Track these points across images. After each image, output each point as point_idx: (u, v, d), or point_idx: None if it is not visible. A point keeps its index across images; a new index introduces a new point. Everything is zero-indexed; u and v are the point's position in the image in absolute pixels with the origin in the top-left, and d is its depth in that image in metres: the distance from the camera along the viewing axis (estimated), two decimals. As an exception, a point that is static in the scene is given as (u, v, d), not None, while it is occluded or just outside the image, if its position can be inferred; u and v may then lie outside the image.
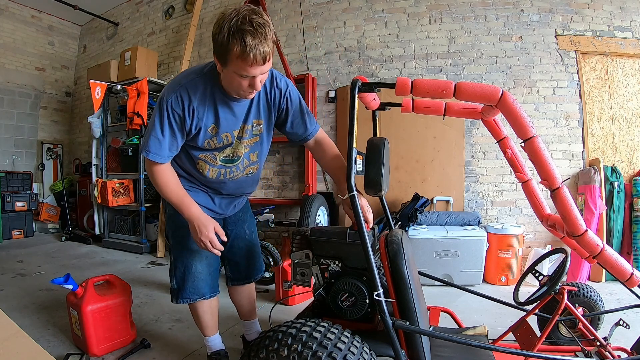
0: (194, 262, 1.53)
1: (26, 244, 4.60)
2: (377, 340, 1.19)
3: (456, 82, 1.05)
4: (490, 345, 1.32)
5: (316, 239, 1.37)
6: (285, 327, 1.04)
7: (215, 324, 1.69)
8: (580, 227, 1.04)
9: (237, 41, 1.06)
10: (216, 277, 1.63)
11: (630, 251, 3.13)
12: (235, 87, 1.21)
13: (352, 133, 1.13)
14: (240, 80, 1.17)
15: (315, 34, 4.13)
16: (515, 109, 1.02)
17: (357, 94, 1.14)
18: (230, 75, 1.18)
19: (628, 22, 3.34)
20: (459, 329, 1.71)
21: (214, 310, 1.66)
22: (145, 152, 1.30)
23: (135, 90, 4.13)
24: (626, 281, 1.09)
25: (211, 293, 1.59)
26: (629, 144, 3.43)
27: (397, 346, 1.08)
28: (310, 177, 3.89)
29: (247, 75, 1.14)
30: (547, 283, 1.58)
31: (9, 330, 0.70)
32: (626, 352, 1.53)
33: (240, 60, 1.09)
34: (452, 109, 1.53)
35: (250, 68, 1.11)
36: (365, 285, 1.27)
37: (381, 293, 1.08)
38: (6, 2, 5.38)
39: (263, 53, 1.08)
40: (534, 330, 1.59)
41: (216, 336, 1.71)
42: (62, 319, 2.23)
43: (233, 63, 1.11)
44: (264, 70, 1.15)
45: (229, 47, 1.07)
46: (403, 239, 1.22)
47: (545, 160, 1.03)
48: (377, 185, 1.15)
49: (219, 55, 1.13)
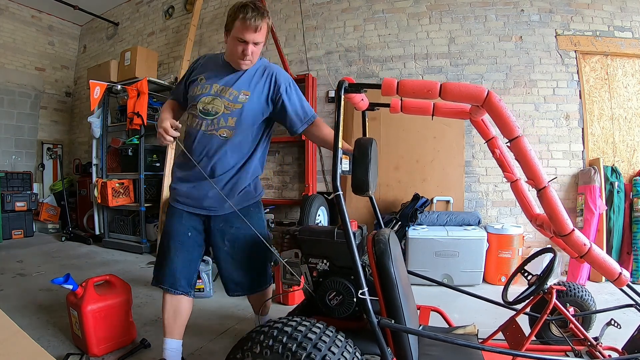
0: (165, 255, 1.63)
1: (26, 244, 4.60)
2: (365, 339, 1.19)
3: (442, 83, 1.06)
4: (478, 345, 1.33)
5: (305, 238, 1.38)
6: (267, 326, 1.04)
7: (175, 329, 1.63)
8: (566, 226, 1.04)
9: (240, 10, 1.45)
10: (178, 275, 1.60)
11: (630, 251, 3.13)
12: (232, 52, 1.52)
13: (337, 133, 1.14)
14: (237, 44, 1.48)
15: (315, 34, 4.13)
16: (500, 109, 1.02)
17: (344, 94, 1.15)
18: (231, 42, 1.51)
19: (628, 22, 3.34)
20: (449, 328, 1.71)
21: (177, 316, 1.63)
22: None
23: (135, 90, 4.13)
24: (615, 280, 1.09)
25: (167, 286, 1.60)
26: (629, 144, 3.43)
27: (383, 344, 1.09)
28: (310, 177, 3.89)
29: (242, 39, 1.46)
30: (535, 282, 1.58)
31: (9, 330, 0.70)
32: (617, 351, 1.53)
33: (240, 24, 1.44)
34: (440, 110, 1.54)
35: (246, 32, 1.45)
36: (352, 284, 1.28)
37: (366, 291, 1.09)
38: (6, 2, 5.38)
39: (257, 23, 1.44)
40: (522, 330, 1.58)
41: (173, 342, 1.64)
42: (62, 319, 2.23)
43: (235, 28, 1.47)
44: (255, 39, 1.47)
45: (235, 16, 1.46)
46: (390, 239, 1.22)
47: (530, 160, 1.03)
48: (365, 185, 1.16)
49: (227, 24, 1.51)
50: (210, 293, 2.73)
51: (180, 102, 1.73)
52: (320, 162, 4.04)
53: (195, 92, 1.60)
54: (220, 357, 1.87)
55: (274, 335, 0.98)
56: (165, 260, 1.63)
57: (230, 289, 1.70)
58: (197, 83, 1.62)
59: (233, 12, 1.48)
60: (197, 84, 1.61)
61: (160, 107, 4.44)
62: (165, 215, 1.71)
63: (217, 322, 2.30)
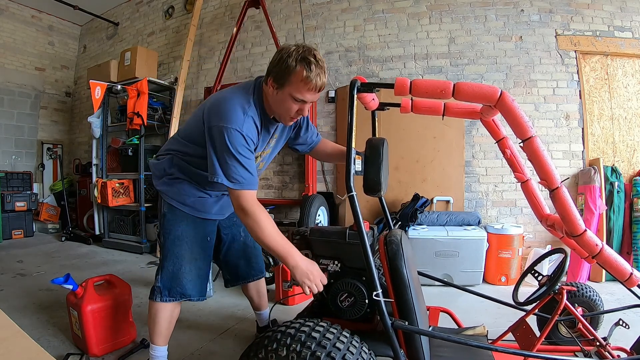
0: (184, 264, 1.54)
1: (26, 244, 4.59)
2: (376, 341, 1.19)
3: (455, 83, 1.05)
4: (490, 345, 1.32)
5: (315, 239, 1.36)
6: (284, 327, 1.04)
7: (168, 336, 1.62)
8: (579, 227, 1.04)
9: (304, 66, 1.21)
10: (205, 282, 1.62)
11: (630, 251, 3.13)
12: (284, 110, 1.32)
13: (350, 133, 1.13)
14: (292, 103, 1.28)
15: (315, 34, 4.13)
16: (514, 109, 1.02)
17: (356, 94, 1.14)
18: (283, 97, 1.28)
19: (628, 22, 3.33)
20: (459, 329, 1.70)
21: (173, 321, 1.62)
22: (237, 184, 1.26)
23: (135, 90, 4.13)
24: (625, 281, 1.09)
25: (198, 296, 1.58)
26: (629, 144, 3.43)
27: (396, 346, 1.08)
28: (310, 177, 3.89)
29: (302, 99, 1.27)
30: (547, 283, 1.58)
31: (9, 330, 0.70)
32: (626, 352, 1.53)
33: (303, 82, 1.23)
34: (451, 109, 1.53)
35: (307, 92, 1.25)
36: (364, 285, 1.26)
37: (380, 293, 1.08)
38: (6, 2, 5.38)
39: (322, 82, 1.25)
40: (533, 331, 1.59)
41: (164, 349, 1.62)
42: (62, 319, 2.22)
43: (294, 85, 1.24)
44: (315, 98, 1.30)
45: (296, 70, 1.22)
46: (402, 240, 1.22)
47: (544, 160, 1.03)
48: (377, 186, 1.15)
49: (280, 77, 1.25)
50: (211, 293, 2.73)
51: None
52: (320, 162, 4.04)
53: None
54: (221, 357, 1.87)
55: (302, 340, 0.97)
56: (186, 268, 1.54)
57: (237, 279, 1.83)
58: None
59: (293, 63, 1.22)
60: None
61: (160, 107, 4.44)
62: (169, 219, 1.56)
63: (217, 322, 2.30)
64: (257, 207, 1.28)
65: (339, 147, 1.71)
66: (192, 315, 2.37)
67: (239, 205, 1.29)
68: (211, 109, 1.32)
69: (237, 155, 1.25)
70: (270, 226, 1.28)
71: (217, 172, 1.27)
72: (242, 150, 1.26)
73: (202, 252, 1.60)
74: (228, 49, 4.13)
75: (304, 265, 1.26)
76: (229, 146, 1.24)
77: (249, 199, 1.28)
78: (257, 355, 1.00)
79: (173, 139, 1.59)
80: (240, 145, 1.25)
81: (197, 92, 4.77)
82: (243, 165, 1.26)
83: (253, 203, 1.28)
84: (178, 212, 1.54)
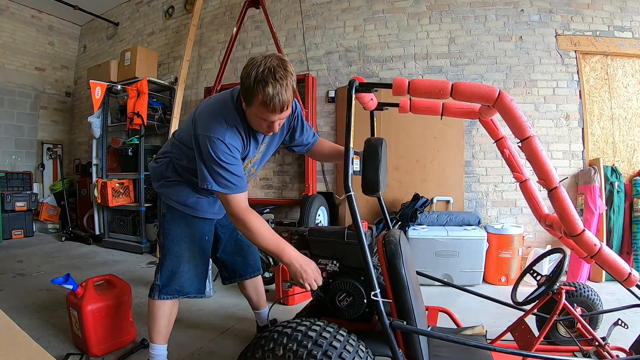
0: (182, 262, 1.57)
1: (26, 244, 4.60)
2: (375, 340, 1.19)
3: (453, 82, 1.05)
4: (489, 345, 1.32)
5: (314, 238, 1.37)
6: (281, 326, 1.04)
7: (167, 335, 1.63)
8: (577, 227, 1.04)
9: (260, 89, 1.17)
10: (203, 280, 1.64)
11: (630, 251, 3.13)
12: (256, 125, 1.33)
13: (349, 133, 1.13)
14: (261, 121, 1.28)
15: (315, 34, 4.13)
16: (512, 108, 1.02)
17: (355, 94, 1.14)
18: (251, 115, 1.30)
19: (628, 22, 3.33)
20: (458, 329, 1.70)
21: (172, 320, 1.63)
22: (226, 189, 1.29)
23: (135, 90, 4.13)
24: (624, 281, 1.09)
25: (196, 293, 1.61)
26: (629, 144, 3.43)
27: (395, 346, 1.08)
28: (310, 177, 3.89)
29: (266, 119, 1.26)
30: (545, 283, 1.58)
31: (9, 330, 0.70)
32: (625, 352, 1.53)
33: (262, 106, 1.21)
34: (449, 109, 1.53)
35: (269, 114, 1.23)
36: (363, 285, 1.27)
37: (378, 293, 1.08)
38: (6, 2, 5.38)
39: (282, 102, 1.20)
40: (532, 330, 1.59)
41: (164, 347, 1.63)
42: (62, 319, 2.22)
43: (255, 107, 1.23)
44: (282, 116, 1.27)
45: (255, 91, 1.18)
46: (401, 240, 1.22)
47: (542, 160, 1.03)
48: (375, 186, 1.15)
49: (245, 97, 1.25)
50: (211, 293, 2.73)
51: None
52: (320, 162, 4.04)
53: None
54: (221, 357, 1.87)
55: (298, 339, 0.97)
56: (185, 266, 1.57)
57: (234, 276, 1.85)
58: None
59: (251, 85, 1.19)
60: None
61: (160, 107, 4.44)
62: (168, 219, 1.59)
63: (217, 322, 2.30)
64: (246, 210, 1.32)
65: (337, 147, 1.71)
66: (192, 315, 2.37)
67: (229, 210, 1.34)
68: (198, 117, 1.35)
69: (222, 164, 1.28)
70: (261, 226, 1.31)
71: (205, 178, 1.31)
72: (225, 158, 1.28)
73: (201, 251, 1.63)
74: (228, 49, 4.13)
75: (299, 261, 1.29)
76: (213, 155, 1.27)
77: (239, 202, 1.32)
78: (255, 355, 1.00)
79: (170, 141, 1.62)
80: (223, 154, 1.28)
81: (197, 92, 4.77)
82: (229, 171, 1.29)
83: (242, 206, 1.32)
84: (177, 212, 1.58)
